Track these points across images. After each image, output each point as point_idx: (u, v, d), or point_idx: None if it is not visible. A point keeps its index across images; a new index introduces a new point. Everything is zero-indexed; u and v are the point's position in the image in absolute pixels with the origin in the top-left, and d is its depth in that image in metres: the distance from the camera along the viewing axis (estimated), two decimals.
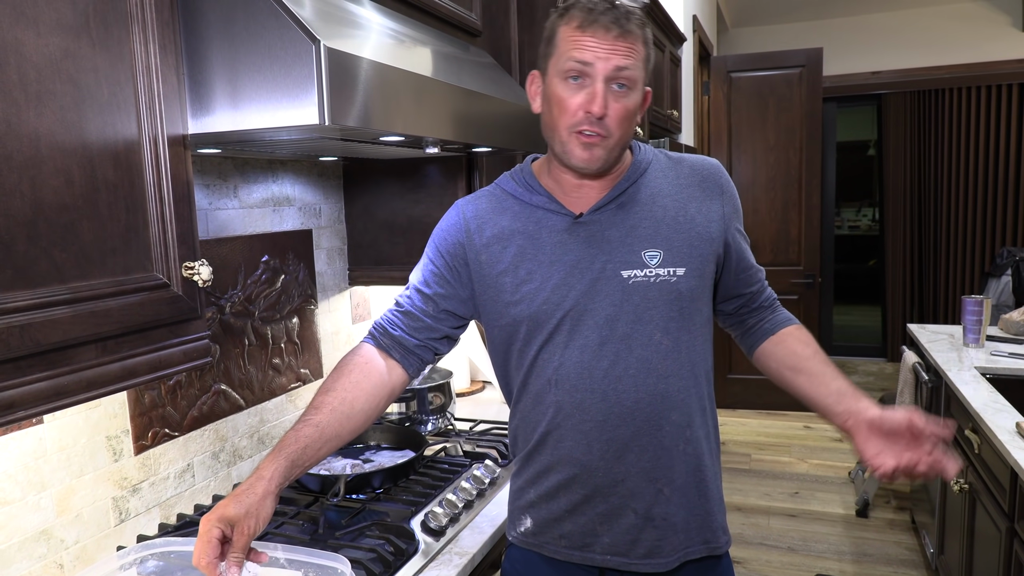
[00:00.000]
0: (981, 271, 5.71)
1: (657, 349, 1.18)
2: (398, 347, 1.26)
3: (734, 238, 1.26)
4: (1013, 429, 1.94)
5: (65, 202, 0.88)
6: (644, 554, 1.21)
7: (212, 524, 0.99)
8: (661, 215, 1.20)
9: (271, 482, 1.07)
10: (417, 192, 1.99)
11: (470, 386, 2.54)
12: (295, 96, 1.04)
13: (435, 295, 1.27)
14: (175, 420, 1.51)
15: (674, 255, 1.18)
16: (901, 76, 5.84)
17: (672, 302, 1.18)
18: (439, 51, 1.58)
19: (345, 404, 1.17)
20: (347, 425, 1.17)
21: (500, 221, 1.25)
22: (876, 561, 3.14)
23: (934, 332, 3.22)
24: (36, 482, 1.23)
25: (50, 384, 0.87)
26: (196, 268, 1.04)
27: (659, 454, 1.19)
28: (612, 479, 1.20)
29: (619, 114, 1.13)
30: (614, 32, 1.11)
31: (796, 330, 1.32)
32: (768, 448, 4.45)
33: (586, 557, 1.23)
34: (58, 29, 0.87)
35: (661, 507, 1.20)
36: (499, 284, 1.23)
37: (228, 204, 1.64)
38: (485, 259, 1.24)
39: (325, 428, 1.14)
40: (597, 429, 1.18)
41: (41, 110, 0.85)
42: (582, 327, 1.18)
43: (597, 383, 1.18)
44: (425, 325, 1.27)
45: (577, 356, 1.18)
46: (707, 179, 1.25)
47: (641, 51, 1.14)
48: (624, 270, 1.18)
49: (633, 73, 1.13)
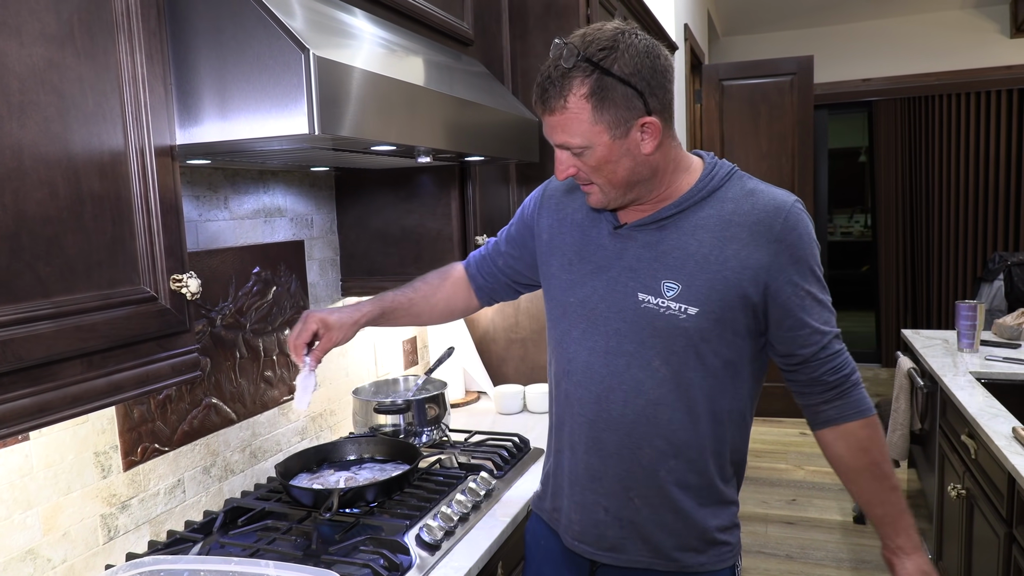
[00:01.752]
0: (973, 276, 5.73)
1: (653, 375, 1.20)
2: (475, 280, 1.53)
3: (781, 290, 1.17)
4: (1010, 434, 1.93)
5: (49, 214, 0.86)
6: (608, 548, 1.27)
7: (315, 320, 1.34)
8: (695, 249, 1.18)
9: (363, 316, 1.40)
10: (410, 202, 1.98)
11: (465, 397, 2.52)
12: (284, 106, 1.03)
13: (506, 253, 1.48)
14: (165, 435, 1.49)
15: (691, 293, 1.17)
16: (891, 83, 5.87)
17: (676, 337, 1.18)
18: (431, 60, 1.57)
19: (432, 296, 1.51)
20: (426, 312, 1.51)
21: (570, 206, 1.34)
22: (874, 568, 3.13)
23: (928, 337, 3.22)
24: (22, 500, 1.21)
25: (34, 400, 0.85)
26: (184, 280, 1.03)
27: (635, 470, 1.23)
28: (591, 475, 1.26)
29: (587, 168, 1.18)
30: (546, 111, 1.16)
31: (861, 429, 1.22)
32: (765, 455, 4.44)
33: (564, 537, 1.33)
34: (42, 39, 0.85)
35: (630, 513, 1.25)
36: (549, 262, 1.35)
37: (218, 215, 1.63)
38: (546, 238, 1.36)
39: (413, 304, 1.48)
40: (587, 426, 1.26)
41: (24, 121, 0.83)
42: (595, 332, 1.24)
43: (595, 386, 1.24)
44: (493, 272, 1.51)
45: (586, 356, 1.25)
46: (762, 222, 1.17)
47: (580, 113, 1.12)
48: (641, 292, 1.20)
49: (573, 140, 1.15)
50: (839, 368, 1.21)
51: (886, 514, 1.23)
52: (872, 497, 1.24)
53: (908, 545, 1.22)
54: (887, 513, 1.23)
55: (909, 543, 1.22)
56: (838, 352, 1.22)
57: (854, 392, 1.23)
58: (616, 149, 1.15)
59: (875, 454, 1.23)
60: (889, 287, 6.09)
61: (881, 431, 1.24)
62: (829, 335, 1.21)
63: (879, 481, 1.23)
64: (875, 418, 1.23)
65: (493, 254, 1.50)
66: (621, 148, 1.15)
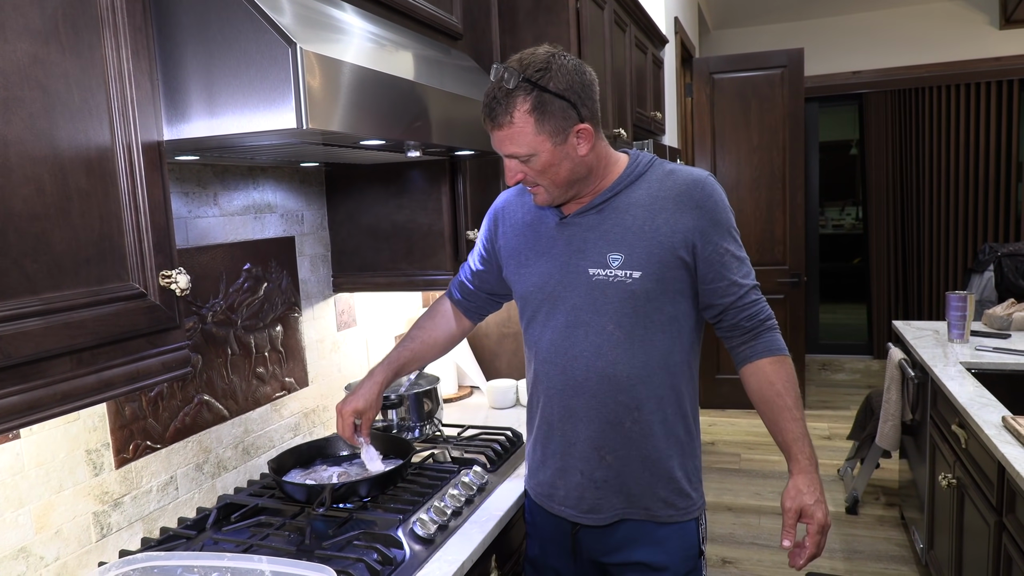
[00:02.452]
0: (964, 267, 5.76)
1: (609, 338, 1.38)
2: (461, 305, 1.68)
3: (704, 249, 1.36)
4: (999, 423, 1.94)
5: (36, 211, 0.86)
6: (587, 510, 1.45)
7: (350, 414, 1.52)
8: (630, 223, 1.37)
9: (382, 385, 1.57)
10: (400, 197, 1.97)
11: (458, 392, 2.52)
12: (272, 100, 1.03)
13: (479, 272, 1.64)
14: (157, 432, 1.48)
15: (633, 259, 1.35)
16: (882, 76, 5.88)
17: (626, 300, 1.36)
18: (420, 54, 1.57)
19: (430, 339, 1.65)
20: (430, 353, 1.66)
21: (517, 213, 1.53)
22: (866, 558, 3.15)
23: (919, 328, 3.24)
24: (13, 498, 1.21)
25: (23, 398, 0.84)
26: (173, 277, 1.03)
27: (604, 428, 1.40)
28: (567, 441, 1.44)
29: (533, 174, 1.34)
30: (495, 127, 1.31)
31: (769, 364, 1.40)
32: (758, 448, 4.45)
33: (549, 506, 1.50)
34: (26, 35, 0.85)
35: (602, 472, 1.42)
36: (509, 265, 1.53)
37: (208, 212, 1.62)
38: (503, 244, 1.55)
39: (416, 354, 1.63)
40: (558, 396, 1.43)
41: (9, 117, 0.83)
42: (556, 311, 1.42)
43: (560, 358, 1.42)
44: (473, 292, 1.66)
45: (551, 335, 1.43)
46: (683, 194, 1.37)
47: (522, 127, 1.28)
48: (591, 268, 1.38)
49: (520, 150, 1.31)
50: (755, 315, 1.41)
51: (783, 440, 1.38)
52: (772, 426, 1.40)
53: (796, 467, 1.37)
54: (784, 440, 1.38)
55: (797, 465, 1.37)
56: (755, 301, 1.41)
57: (767, 335, 1.41)
58: (557, 154, 1.32)
59: (779, 387, 1.38)
60: (880, 279, 6.11)
61: (790, 369, 1.41)
62: (746, 287, 1.40)
63: (780, 412, 1.38)
64: (785, 358, 1.41)
65: (470, 276, 1.65)
66: (561, 153, 1.32)
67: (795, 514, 1.36)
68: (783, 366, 1.40)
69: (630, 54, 3.29)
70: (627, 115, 3.23)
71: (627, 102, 3.23)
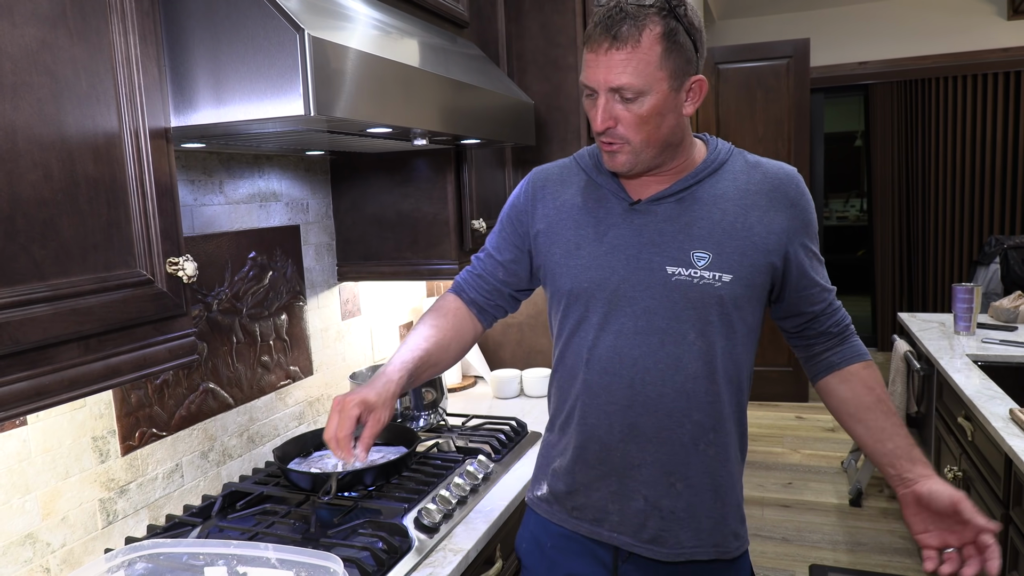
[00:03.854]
0: (969, 260, 5.74)
1: (689, 349, 1.18)
2: (474, 304, 1.40)
3: (796, 253, 1.21)
4: (1006, 416, 1.94)
5: (44, 197, 0.85)
6: (649, 540, 1.23)
7: (354, 404, 1.14)
8: (719, 218, 1.19)
9: (399, 385, 1.21)
10: (406, 186, 1.97)
11: (462, 381, 2.52)
12: (279, 87, 1.02)
13: (506, 262, 1.36)
14: (162, 420, 1.48)
15: (723, 260, 1.17)
16: (888, 66, 5.84)
17: (712, 306, 1.17)
18: (426, 42, 1.56)
19: (444, 340, 1.33)
20: (444, 358, 1.33)
21: (564, 192, 1.30)
22: (870, 550, 3.15)
23: (925, 320, 3.23)
24: (20, 485, 1.21)
25: (31, 384, 0.84)
26: (180, 264, 1.02)
27: (676, 450, 1.20)
28: (628, 463, 1.22)
29: (631, 122, 1.13)
30: (605, 45, 1.10)
31: (863, 370, 1.27)
32: (761, 439, 4.45)
33: (595, 531, 1.26)
34: (34, 19, 0.84)
35: (671, 500, 1.22)
36: (551, 252, 1.28)
37: (213, 200, 1.62)
38: (544, 228, 1.30)
39: (431, 355, 1.30)
40: (620, 413, 1.21)
41: (17, 103, 0.82)
42: (619, 313, 1.20)
43: (626, 369, 1.20)
44: (494, 288, 1.38)
45: (612, 340, 1.21)
46: (777, 189, 1.21)
47: (647, 53, 1.09)
48: (670, 266, 1.18)
49: (635, 81, 1.09)
50: (842, 319, 1.29)
51: (898, 447, 1.20)
52: (882, 433, 1.22)
53: (928, 471, 1.18)
54: (899, 446, 1.20)
55: (928, 469, 1.18)
56: (840, 306, 1.30)
57: (853, 338, 1.29)
58: (669, 101, 1.13)
59: (880, 392, 1.25)
60: (885, 271, 6.10)
61: (879, 373, 1.28)
62: (832, 291, 1.28)
63: (888, 416, 1.23)
64: (872, 362, 1.28)
65: (491, 269, 1.38)
66: (672, 102, 1.13)
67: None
68: (875, 370, 1.27)
69: None
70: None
71: None
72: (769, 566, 3.08)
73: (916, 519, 1.17)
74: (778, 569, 3.05)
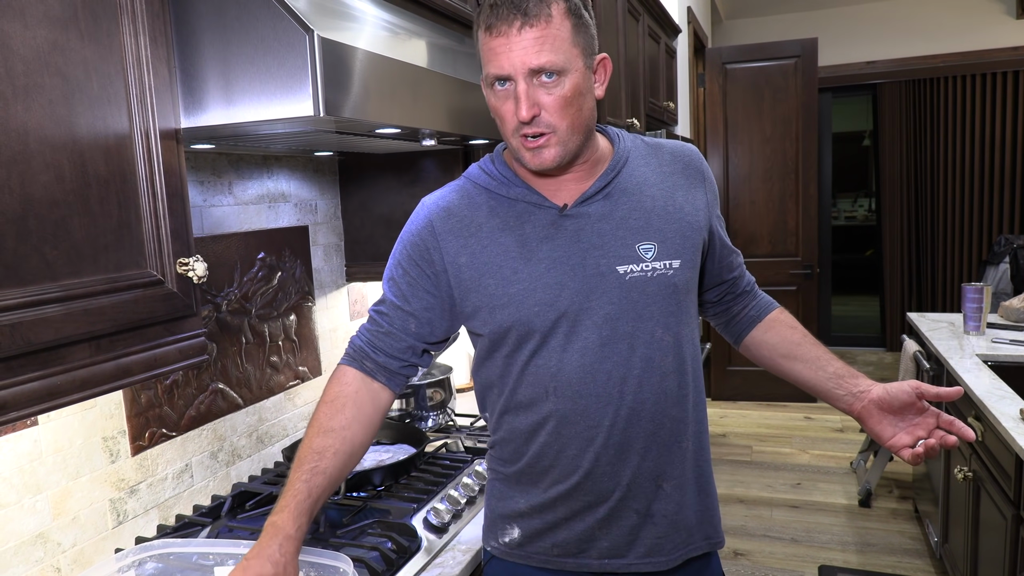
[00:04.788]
0: (979, 259, 5.71)
1: (659, 346, 1.13)
2: (383, 371, 1.18)
3: (715, 225, 1.23)
4: (1017, 416, 1.93)
5: (55, 198, 0.86)
6: (644, 553, 1.17)
7: None
8: (651, 205, 1.15)
9: (298, 539, 1.01)
10: (414, 187, 1.97)
11: (470, 381, 2.52)
12: (289, 88, 1.02)
13: (415, 311, 1.18)
14: (172, 420, 1.49)
15: (668, 247, 1.13)
16: (896, 65, 5.82)
17: (670, 296, 1.13)
18: (434, 43, 1.56)
19: (346, 444, 1.10)
20: (350, 463, 1.13)
21: (475, 217, 1.16)
22: (880, 551, 3.14)
23: (934, 320, 3.21)
24: (31, 485, 1.21)
25: (43, 384, 0.85)
26: (191, 264, 1.03)
27: (660, 453, 1.15)
28: (615, 483, 1.15)
29: (555, 106, 1.04)
30: (517, 23, 1.01)
31: (781, 314, 1.31)
32: (769, 440, 4.44)
33: (581, 564, 1.18)
34: (46, 21, 0.85)
35: (661, 504, 1.17)
36: (482, 287, 1.13)
37: (223, 201, 1.62)
38: (464, 261, 1.14)
39: (332, 473, 1.08)
40: (603, 435, 1.13)
41: (29, 104, 0.83)
42: (580, 328, 1.11)
43: (600, 387, 1.11)
44: (407, 346, 1.19)
45: (578, 360, 1.11)
46: (689, 166, 1.21)
47: (559, 29, 1.02)
48: (620, 265, 1.11)
49: (556, 58, 1.02)
50: (749, 276, 1.34)
51: (838, 368, 1.21)
52: (819, 361, 1.23)
53: (872, 381, 1.18)
54: (838, 367, 1.21)
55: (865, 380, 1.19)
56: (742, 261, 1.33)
57: (761, 291, 1.35)
58: (587, 80, 1.07)
59: (802, 328, 1.29)
60: (894, 271, 6.08)
61: None
62: (739, 252, 1.33)
63: (817, 347, 1.25)
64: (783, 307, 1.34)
65: (400, 323, 1.18)
66: (588, 81, 1.08)
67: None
68: (789, 313, 1.32)
69: (643, 43, 3.27)
70: (640, 105, 3.21)
71: (640, 92, 3.22)
72: (778, 567, 3.07)
73: (882, 426, 1.15)
74: (787, 570, 3.04)
